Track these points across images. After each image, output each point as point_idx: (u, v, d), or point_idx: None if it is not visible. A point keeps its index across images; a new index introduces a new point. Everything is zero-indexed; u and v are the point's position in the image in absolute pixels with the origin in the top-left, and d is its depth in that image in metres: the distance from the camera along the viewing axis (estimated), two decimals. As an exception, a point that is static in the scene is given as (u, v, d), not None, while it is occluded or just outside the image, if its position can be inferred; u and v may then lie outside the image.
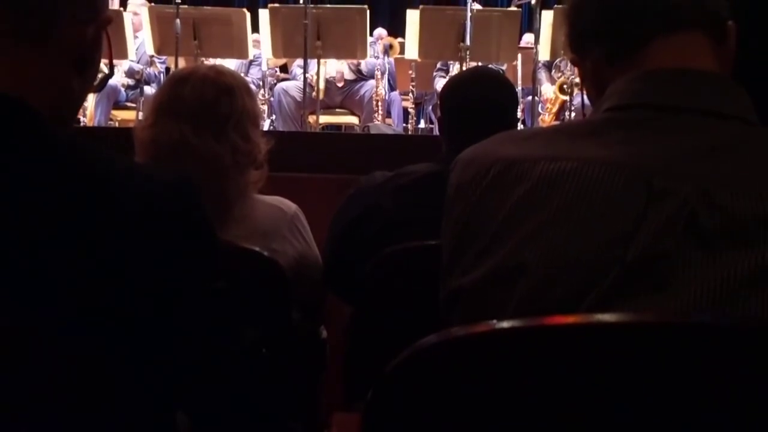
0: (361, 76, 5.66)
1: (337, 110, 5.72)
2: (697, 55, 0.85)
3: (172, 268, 0.84)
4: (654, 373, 0.58)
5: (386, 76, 5.76)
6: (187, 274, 0.87)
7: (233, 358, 0.95)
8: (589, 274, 0.71)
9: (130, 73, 5.54)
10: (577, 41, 0.94)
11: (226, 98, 1.59)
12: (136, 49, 5.48)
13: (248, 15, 4.98)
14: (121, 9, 5.42)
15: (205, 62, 4.71)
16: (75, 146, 0.83)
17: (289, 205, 1.75)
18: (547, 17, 5.04)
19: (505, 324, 0.61)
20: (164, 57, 5.41)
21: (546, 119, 5.36)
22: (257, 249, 1.52)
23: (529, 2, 5.17)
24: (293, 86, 5.47)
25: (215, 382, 0.94)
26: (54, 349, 0.74)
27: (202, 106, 1.58)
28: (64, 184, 0.80)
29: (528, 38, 5.98)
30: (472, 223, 0.83)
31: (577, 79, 4.98)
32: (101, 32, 0.92)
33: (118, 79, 5.62)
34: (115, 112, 5.59)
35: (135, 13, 5.45)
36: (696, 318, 0.61)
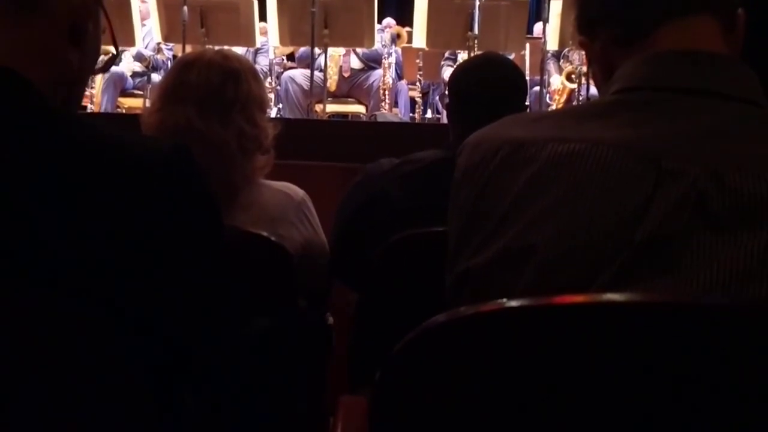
0: (368, 65, 5.65)
1: (344, 99, 5.71)
2: (707, 38, 0.84)
3: (172, 236, 0.84)
4: (663, 354, 0.58)
5: (393, 65, 5.74)
6: (187, 241, 0.86)
7: (240, 339, 0.95)
8: (598, 256, 0.71)
9: (138, 57, 5.54)
10: (586, 24, 0.93)
11: (232, 83, 1.59)
12: (144, 37, 5.48)
13: (255, 3, 4.96)
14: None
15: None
16: (68, 116, 0.83)
17: (296, 191, 1.75)
18: (555, 7, 5.01)
19: (514, 303, 0.60)
20: (171, 44, 5.41)
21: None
22: (264, 234, 1.52)
23: (538, -9, 5.15)
24: (300, 74, 5.46)
25: (222, 363, 0.94)
26: (54, 326, 0.74)
27: (208, 90, 1.57)
28: (58, 152, 0.79)
29: (539, 28, 5.95)
30: (481, 205, 0.83)
31: (585, 69, 4.97)
32: (92, 2, 0.92)
33: (127, 65, 5.62)
34: (122, 100, 5.59)
35: (142, 1, 5.45)
36: (706, 299, 0.61)
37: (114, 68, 5.56)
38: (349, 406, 1.01)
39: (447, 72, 5.43)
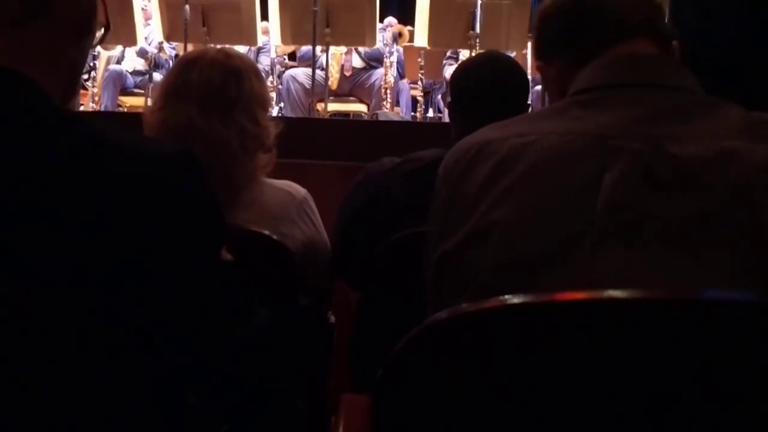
0: (370, 64, 5.64)
1: (346, 98, 5.71)
2: (649, 51, 0.98)
3: (175, 237, 0.84)
4: (664, 349, 0.58)
5: (395, 64, 5.74)
6: (190, 242, 0.86)
7: (242, 337, 0.95)
8: (558, 226, 0.81)
9: (141, 53, 5.54)
10: (543, 50, 1.09)
11: (234, 81, 1.59)
12: (146, 37, 5.48)
13: (257, 2, 4.96)
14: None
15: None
16: (75, 119, 0.83)
17: (298, 190, 1.75)
18: (557, 5, 5.00)
19: (515, 300, 0.60)
20: (174, 43, 5.41)
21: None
22: (266, 232, 1.52)
23: (540, -10, 5.13)
24: (302, 73, 5.46)
25: (224, 362, 0.94)
26: (60, 324, 0.74)
27: (210, 89, 1.57)
28: (65, 155, 0.80)
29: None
30: (455, 199, 0.93)
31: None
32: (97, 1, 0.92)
33: (129, 62, 5.63)
34: (123, 98, 5.60)
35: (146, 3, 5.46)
36: (706, 294, 0.61)
37: (114, 66, 5.58)
38: (350, 404, 1.01)
39: (449, 71, 5.42)
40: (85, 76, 5.26)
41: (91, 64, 5.45)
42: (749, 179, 0.76)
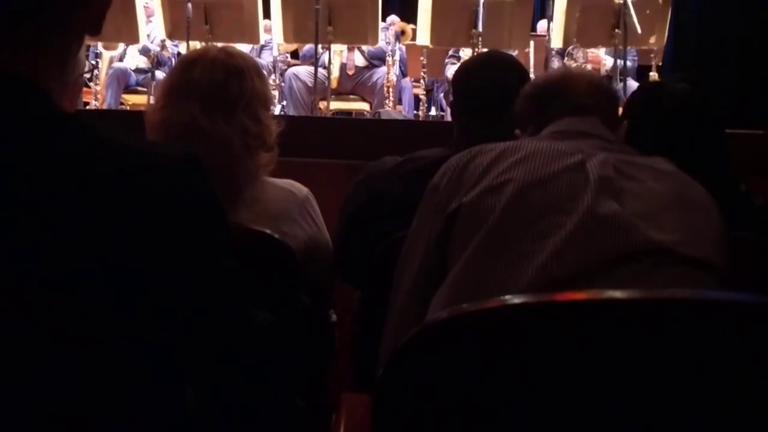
0: (372, 63, 5.64)
1: (348, 96, 5.71)
2: (596, 123, 1.30)
3: (179, 242, 0.84)
4: (664, 349, 0.58)
5: (397, 62, 5.73)
6: (195, 247, 0.87)
7: (243, 336, 0.96)
8: (560, 188, 1.06)
9: (144, 50, 5.54)
10: (519, 120, 1.45)
11: (236, 80, 1.59)
12: (148, 35, 5.49)
13: (260, 0, 4.96)
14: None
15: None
16: (82, 124, 0.83)
17: (300, 189, 1.75)
18: (560, 4, 4.99)
19: (516, 300, 0.60)
20: (176, 41, 5.41)
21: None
22: (268, 231, 1.52)
23: (542, -12, 5.13)
24: (304, 71, 5.46)
25: (225, 359, 0.94)
26: (54, 325, 0.75)
27: (212, 88, 1.58)
28: (71, 160, 0.80)
29: (543, 26, 5.93)
30: (462, 176, 1.15)
31: (590, 66, 4.97)
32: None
33: (132, 60, 5.63)
34: (126, 96, 5.60)
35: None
36: (707, 294, 0.61)
37: (118, 64, 5.58)
38: (351, 403, 1.01)
39: (451, 69, 5.42)
40: (88, 75, 5.27)
41: (94, 62, 5.45)
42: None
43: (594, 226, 1.00)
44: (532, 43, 5.48)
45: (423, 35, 5.00)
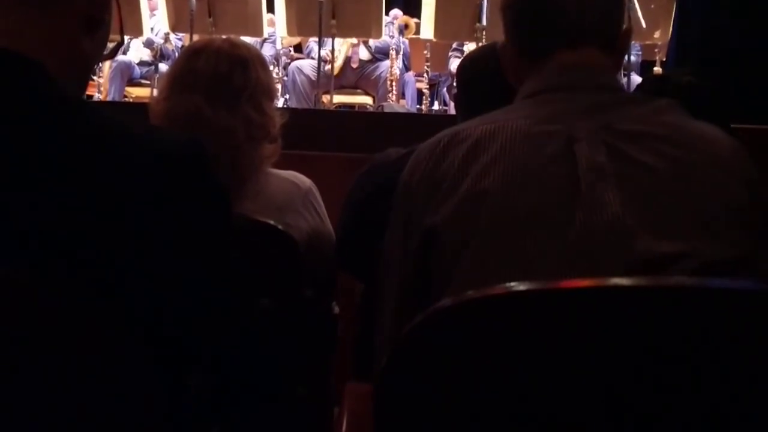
0: (376, 57, 5.63)
1: (351, 90, 5.70)
2: (590, 59, 1.08)
3: (181, 225, 0.84)
4: (669, 336, 0.58)
5: (401, 56, 5.72)
6: (198, 231, 0.87)
7: (246, 321, 0.96)
8: (543, 188, 0.93)
9: (148, 43, 5.54)
10: (504, 30, 1.20)
11: (240, 70, 1.59)
12: (152, 28, 5.48)
13: (263, -7, 4.96)
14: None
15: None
16: (83, 105, 0.83)
17: (303, 180, 1.75)
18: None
19: (521, 287, 0.60)
20: (180, 34, 5.41)
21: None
22: (271, 222, 1.52)
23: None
24: (307, 65, 5.45)
25: (227, 343, 0.94)
26: (63, 306, 0.75)
27: (216, 78, 1.57)
28: (71, 140, 0.80)
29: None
30: (435, 179, 1.00)
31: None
32: None
33: (135, 53, 5.63)
34: (129, 89, 5.60)
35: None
36: (712, 282, 0.61)
37: (121, 57, 5.58)
38: (354, 392, 1.01)
39: (454, 63, 5.40)
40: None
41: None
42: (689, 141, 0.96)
43: (589, 242, 0.86)
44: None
45: (427, 29, 4.99)
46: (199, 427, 0.97)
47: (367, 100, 5.70)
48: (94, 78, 5.43)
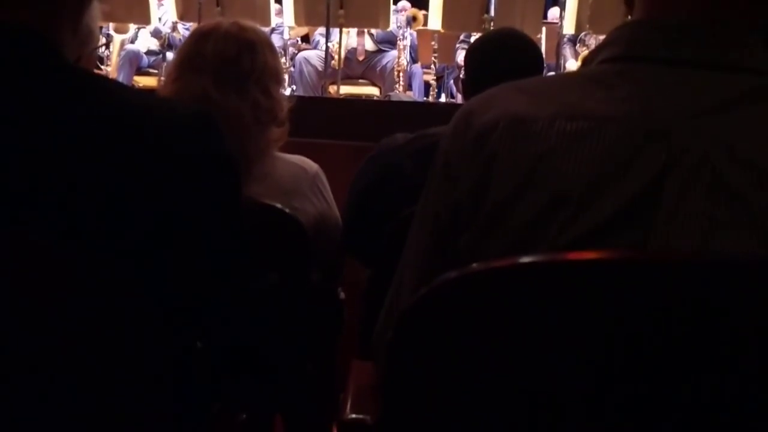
0: (382, 48, 5.62)
1: (358, 81, 5.70)
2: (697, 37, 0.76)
3: (193, 195, 0.85)
4: (679, 310, 0.58)
5: (408, 47, 5.71)
6: (208, 201, 0.87)
7: (253, 291, 0.96)
8: (622, 218, 0.68)
9: (156, 33, 5.55)
10: None
11: (248, 54, 1.59)
12: (160, 17, 5.49)
13: (271, -17, 4.95)
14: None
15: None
16: (95, 79, 0.84)
17: (311, 165, 1.75)
18: (573, -10, 4.97)
19: (527, 259, 0.60)
20: (188, 23, 5.42)
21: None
22: (278, 205, 1.53)
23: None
24: (314, 55, 5.45)
25: (233, 317, 0.95)
26: (75, 273, 0.75)
27: (224, 61, 1.58)
28: (86, 113, 0.81)
29: (555, 12, 5.90)
30: (493, 174, 0.76)
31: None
32: None
33: (143, 42, 5.64)
34: (137, 78, 5.61)
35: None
36: (719, 255, 0.61)
37: (130, 46, 5.59)
38: (360, 369, 1.01)
39: (462, 55, 5.39)
40: (102, 49, 5.29)
41: (107, 36, 5.47)
42: None
43: None
44: (544, 29, 5.45)
45: (435, 20, 4.98)
46: (204, 390, 0.97)
47: (374, 90, 5.69)
48: (102, 67, 5.44)
